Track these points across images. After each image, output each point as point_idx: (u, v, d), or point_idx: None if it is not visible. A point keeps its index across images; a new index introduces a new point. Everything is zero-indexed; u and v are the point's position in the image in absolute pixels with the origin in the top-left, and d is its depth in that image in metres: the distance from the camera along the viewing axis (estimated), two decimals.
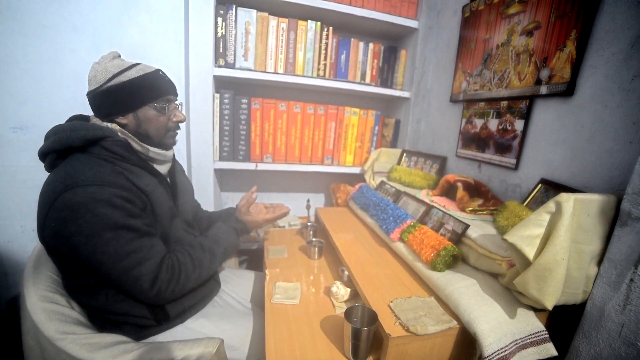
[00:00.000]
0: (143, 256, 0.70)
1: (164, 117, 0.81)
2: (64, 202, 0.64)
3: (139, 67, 0.78)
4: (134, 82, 0.76)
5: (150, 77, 0.78)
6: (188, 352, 0.65)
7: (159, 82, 0.80)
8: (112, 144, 0.72)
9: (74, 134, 0.70)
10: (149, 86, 0.78)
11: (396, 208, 1.06)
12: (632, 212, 0.58)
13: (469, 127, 1.16)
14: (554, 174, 0.85)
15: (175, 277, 0.75)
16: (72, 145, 0.70)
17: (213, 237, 0.90)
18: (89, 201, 0.64)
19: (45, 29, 1.15)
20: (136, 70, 0.77)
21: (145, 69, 0.79)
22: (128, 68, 0.76)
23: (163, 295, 0.74)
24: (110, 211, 0.66)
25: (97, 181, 0.66)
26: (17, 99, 1.17)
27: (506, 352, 0.60)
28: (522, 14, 0.93)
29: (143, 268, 0.70)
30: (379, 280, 0.83)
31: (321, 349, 0.70)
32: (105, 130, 0.73)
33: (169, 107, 0.83)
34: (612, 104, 0.70)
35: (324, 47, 1.39)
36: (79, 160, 0.69)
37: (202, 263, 0.82)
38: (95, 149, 0.71)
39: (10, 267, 1.29)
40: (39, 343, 0.64)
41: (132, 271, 0.69)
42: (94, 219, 0.64)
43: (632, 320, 0.57)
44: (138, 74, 0.77)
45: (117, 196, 0.67)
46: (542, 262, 0.57)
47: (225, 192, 1.68)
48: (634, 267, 0.57)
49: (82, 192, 0.64)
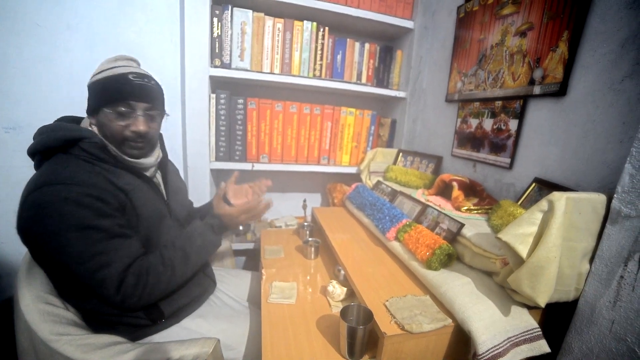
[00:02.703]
0: (109, 259, 0.67)
1: (118, 125, 0.73)
2: (32, 201, 0.64)
3: (116, 68, 0.75)
4: (98, 83, 0.73)
5: (112, 80, 0.73)
6: (184, 352, 0.65)
7: (119, 86, 0.73)
8: (90, 145, 0.72)
9: (52, 135, 0.70)
10: (106, 89, 0.73)
11: (392, 207, 1.06)
12: (622, 210, 0.59)
13: (464, 126, 1.17)
14: (547, 173, 0.86)
15: (142, 281, 0.70)
16: (51, 145, 0.70)
17: (186, 235, 0.83)
18: (55, 200, 0.63)
19: (39, 28, 1.14)
20: (110, 71, 0.74)
21: (116, 71, 0.74)
22: (108, 69, 0.74)
23: (130, 301, 0.70)
24: (76, 210, 0.64)
25: (66, 180, 0.65)
26: (11, 98, 1.16)
27: (500, 349, 0.61)
28: (516, 14, 0.94)
29: (107, 271, 0.67)
30: (374, 279, 0.84)
31: (317, 348, 0.70)
32: (83, 132, 0.72)
33: (129, 114, 0.74)
34: (604, 103, 0.72)
35: (319, 48, 1.39)
36: (58, 161, 0.69)
37: (173, 263, 0.77)
38: (75, 149, 0.71)
39: (4, 269, 1.28)
40: (33, 345, 0.63)
41: (96, 274, 0.66)
42: (59, 218, 0.63)
43: (622, 317, 0.58)
44: (105, 74, 0.73)
45: (87, 195, 0.65)
46: (535, 260, 0.58)
47: None
48: (624, 264, 0.58)
49: (49, 191, 0.64)
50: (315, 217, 1.35)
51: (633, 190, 0.58)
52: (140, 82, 0.75)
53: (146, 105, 0.76)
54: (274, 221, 1.66)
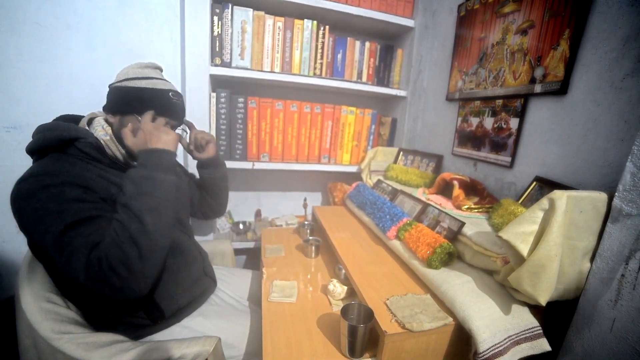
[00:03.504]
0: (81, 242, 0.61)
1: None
2: (17, 192, 0.64)
3: (155, 81, 0.79)
4: (135, 90, 0.77)
5: (153, 94, 0.77)
6: (185, 351, 0.65)
7: (160, 103, 0.78)
8: (84, 145, 0.72)
9: (48, 134, 0.71)
10: (146, 100, 0.77)
11: (392, 206, 1.06)
12: (623, 208, 0.59)
13: (464, 125, 1.17)
14: (548, 172, 0.85)
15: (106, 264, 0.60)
16: (47, 144, 0.70)
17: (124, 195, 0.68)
18: (37, 188, 0.63)
19: (39, 27, 1.14)
20: (147, 82, 0.78)
21: (155, 84, 0.78)
22: (144, 78, 0.78)
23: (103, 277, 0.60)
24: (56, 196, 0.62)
25: (51, 171, 0.65)
26: (11, 98, 1.16)
27: (501, 348, 0.61)
28: (517, 13, 0.94)
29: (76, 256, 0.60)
30: (375, 278, 0.84)
31: (318, 347, 0.70)
32: (79, 132, 0.73)
33: None
34: (605, 102, 0.71)
35: (320, 46, 1.39)
36: (51, 158, 0.70)
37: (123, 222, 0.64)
38: (72, 149, 0.72)
39: (5, 268, 1.28)
40: (35, 343, 0.63)
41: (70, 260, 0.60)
42: (37, 205, 0.62)
43: (623, 315, 0.58)
44: (143, 84, 0.77)
45: (69, 182, 0.64)
46: (535, 259, 0.58)
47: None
48: (625, 263, 0.58)
49: (33, 180, 0.64)
50: (315, 216, 1.35)
51: (634, 189, 0.57)
52: (177, 102, 0.82)
53: (174, 123, 0.84)
54: (275, 220, 1.66)
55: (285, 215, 1.74)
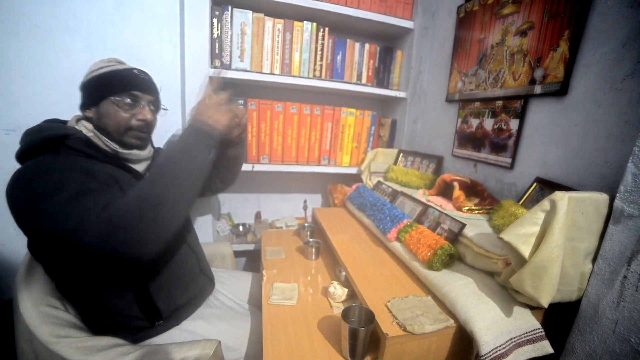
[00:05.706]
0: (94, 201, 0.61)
1: (124, 114, 0.77)
2: (16, 177, 0.64)
3: (116, 65, 0.80)
4: (101, 76, 0.77)
5: (117, 73, 0.78)
6: (185, 354, 0.64)
7: (125, 78, 0.78)
8: (75, 141, 0.72)
9: (38, 135, 0.71)
10: (112, 80, 0.77)
11: (393, 208, 1.06)
12: (625, 209, 0.59)
13: (464, 126, 1.17)
14: (548, 173, 0.85)
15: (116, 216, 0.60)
16: (37, 144, 0.70)
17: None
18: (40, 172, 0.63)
19: (37, 29, 1.14)
20: (110, 67, 0.79)
21: (118, 67, 0.79)
22: (106, 66, 0.79)
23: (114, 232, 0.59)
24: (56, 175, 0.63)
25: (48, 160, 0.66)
26: (10, 100, 1.16)
27: (503, 350, 0.61)
28: (516, 14, 0.94)
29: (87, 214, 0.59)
30: (376, 280, 0.83)
31: (319, 350, 0.70)
32: (68, 129, 0.73)
33: (135, 105, 0.79)
34: (605, 103, 0.71)
35: (319, 48, 1.39)
36: (44, 156, 0.69)
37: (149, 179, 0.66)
38: (63, 148, 0.72)
39: (3, 271, 1.27)
40: (33, 347, 0.63)
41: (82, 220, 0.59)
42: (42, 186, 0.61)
43: (626, 317, 0.57)
44: (108, 69, 0.78)
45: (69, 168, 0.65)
46: (537, 260, 0.57)
47: (222, 193, 1.67)
48: (627, 264, 0.58)
49: (32, 164, 0.65)
50: (315, 218, 1.35)
51: (636, 190, 0.57)
52: (144, 77, 0.83)
53: (150, 97, 0.83)
54: (275, 222, 1.66)
55: (285, 217, 1.74)
